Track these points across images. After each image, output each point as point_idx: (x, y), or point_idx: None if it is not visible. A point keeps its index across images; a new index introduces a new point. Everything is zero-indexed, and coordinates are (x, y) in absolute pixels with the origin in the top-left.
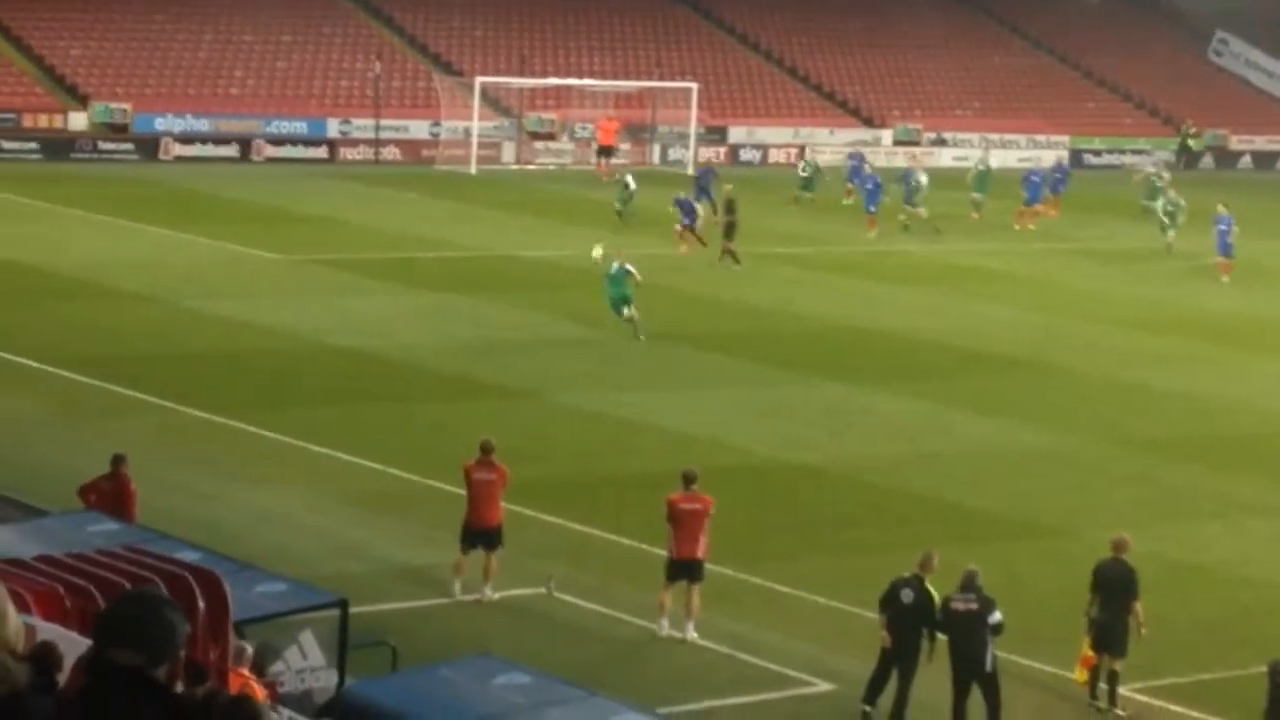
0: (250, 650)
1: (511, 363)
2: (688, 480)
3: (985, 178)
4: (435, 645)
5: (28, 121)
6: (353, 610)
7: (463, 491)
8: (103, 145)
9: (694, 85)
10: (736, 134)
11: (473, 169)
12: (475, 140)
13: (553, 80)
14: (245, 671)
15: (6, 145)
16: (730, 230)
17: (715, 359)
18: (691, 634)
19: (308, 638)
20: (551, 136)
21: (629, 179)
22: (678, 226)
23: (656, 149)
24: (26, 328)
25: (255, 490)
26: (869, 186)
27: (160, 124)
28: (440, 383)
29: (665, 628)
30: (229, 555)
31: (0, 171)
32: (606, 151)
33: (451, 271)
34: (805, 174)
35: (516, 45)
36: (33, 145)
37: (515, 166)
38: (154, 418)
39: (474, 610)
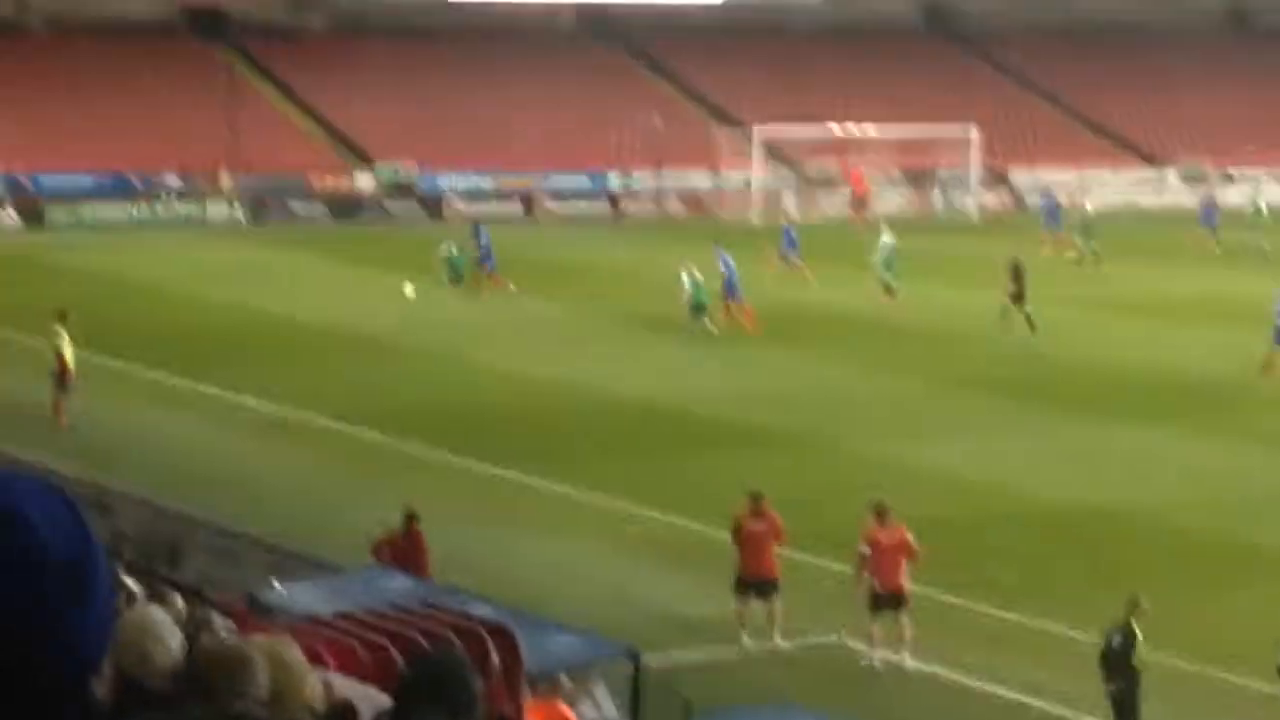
0: (570, 685)
1: (803, 412)
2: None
3: (1260, 214)
4: (728, 695)
5: (315, 182)
6: (645, 661)
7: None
8: (388, 204)
9: (974, 130)
10: (1018, 177)
11: (755, 219)
12: (757, 191)
13: (832, 128)
14: (561, 705)
15: (295, 206)
16: (1018, 298)
17: (1005, 404)
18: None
19: (601, 690)
20: (832, 184)
21: (886, 231)
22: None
23: (938, 194)
24: (316, 385)
25: (544, 542)
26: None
27: (444, 182)
28: (730, 433)
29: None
30: (520, 609)
31: (289, 232)
32: (860, 201)
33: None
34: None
35: (796, 95)
36: (320, 206)
37: (798, 216)
38: (442, 472)
39: (765, 660)
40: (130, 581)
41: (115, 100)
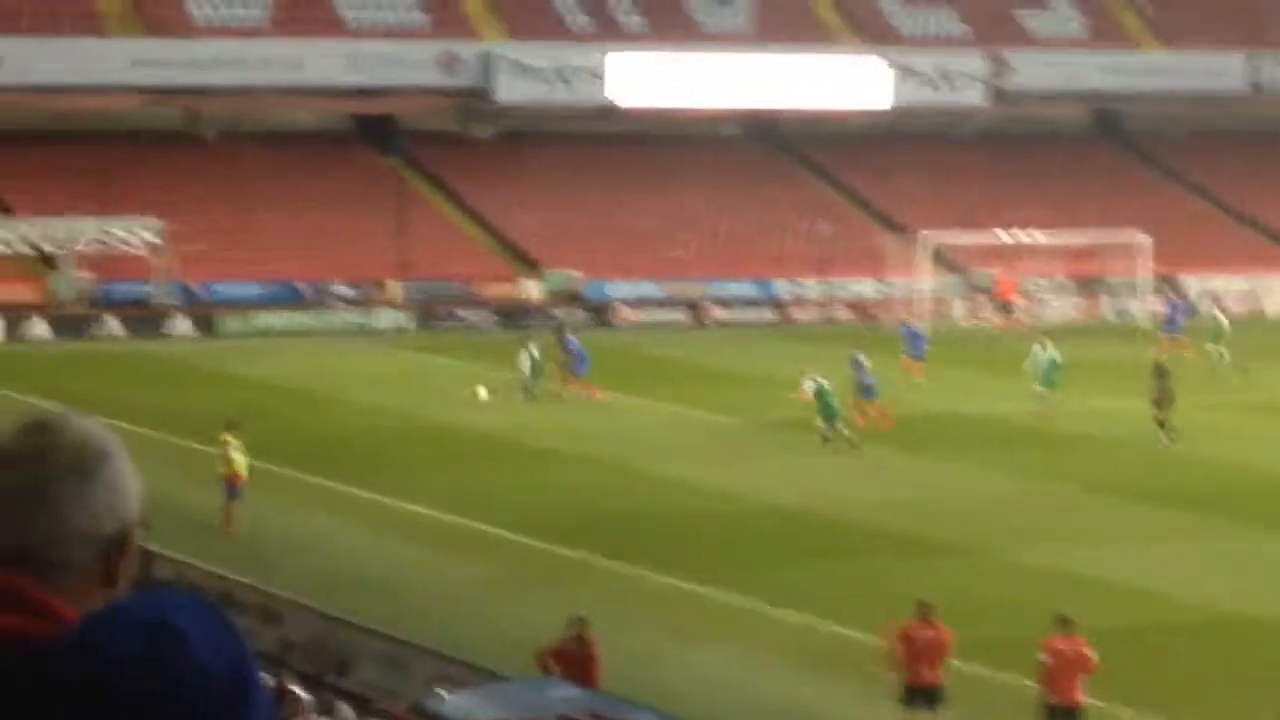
0: None
1: (961, 519)
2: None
3: None
4: None
5: (482, 290)
6: None
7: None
8: (556, 312)
9: (1144, 236)
10: (1190, 285)
11: (924, 327)
12: (924, 297)
13: (1000, 235)
14: None
15: (461, 314)
16: (1162, 402)
17: (1165, 513)
18: None
19: None
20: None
21: (1044, 341)
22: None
23: (1107, 300)
24: (483, 492)
25: (707, 651)
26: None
27: (611, 290)
28: (888, 540)
29: None
30: (682, 718)
31: (457, 339)
32: (1005, 307)
33: (899, 430)
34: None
35: (962, 201)
36: (488, 313)
37: (965, 323)
38: (604, 580)
39: None
40: (299, 690)
41: (285, 209)
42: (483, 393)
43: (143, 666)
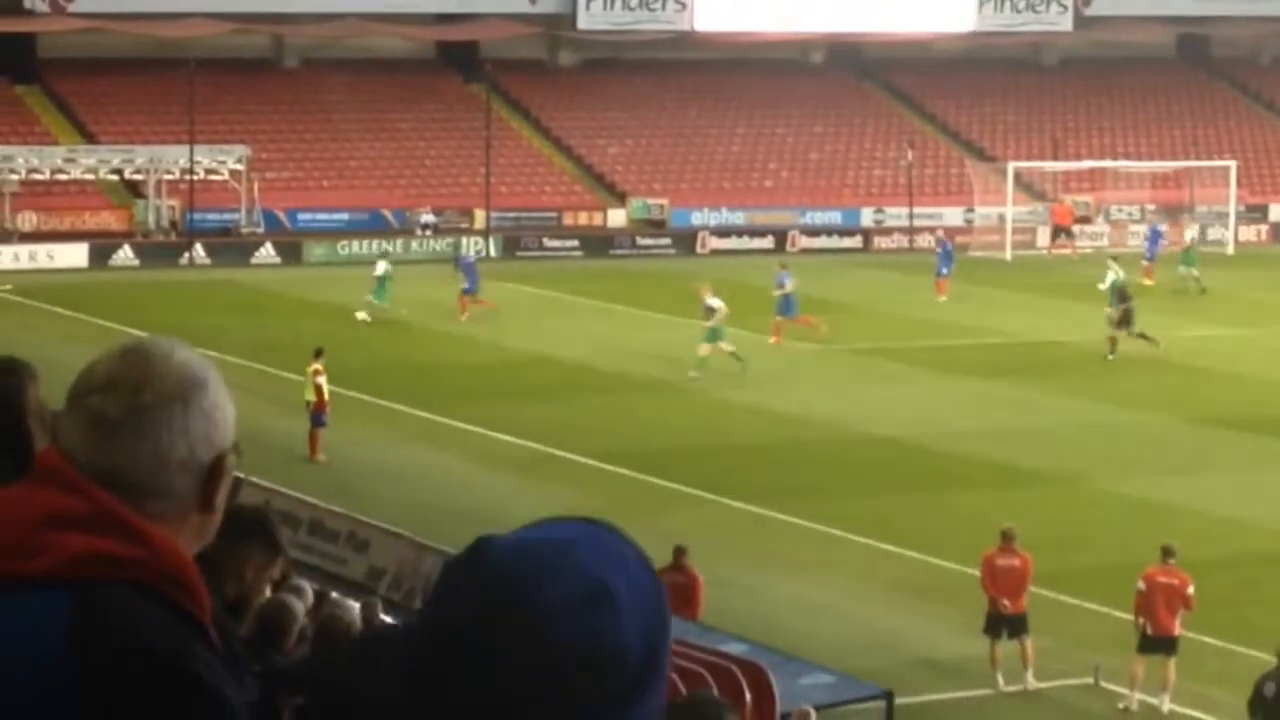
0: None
1: (1053, 449)
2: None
3: None
4: None
5: (568, 220)
6: (897, 702)
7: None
8: (641, 241)
9: (1232, 163)
10: (1277, 212)
11: (1008, 255)
12: (1010, 226)
13: (1086, 163)
14: None
15: (549, 243)
16: (1126, 318)
17: (1264, 441)
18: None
19: None
20: (1087, 220)
21: (1112, 264)
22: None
23: (1195, 229)
24: (572, 422)
25: (798, 581)
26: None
27: (696, 218)
28: (982, 470)
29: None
30: (773, 647)
31: (543, 269)
32: (1064, 232)
33: (990, 358)
34: None
35: (1049, 128)
36: (573, 243)
37: (1050, 251)
38: (697, 510)
39: (1018, 701)
40: (386, 618)
41: (370, 137)
42: (362, 315)
43: (573, 626)
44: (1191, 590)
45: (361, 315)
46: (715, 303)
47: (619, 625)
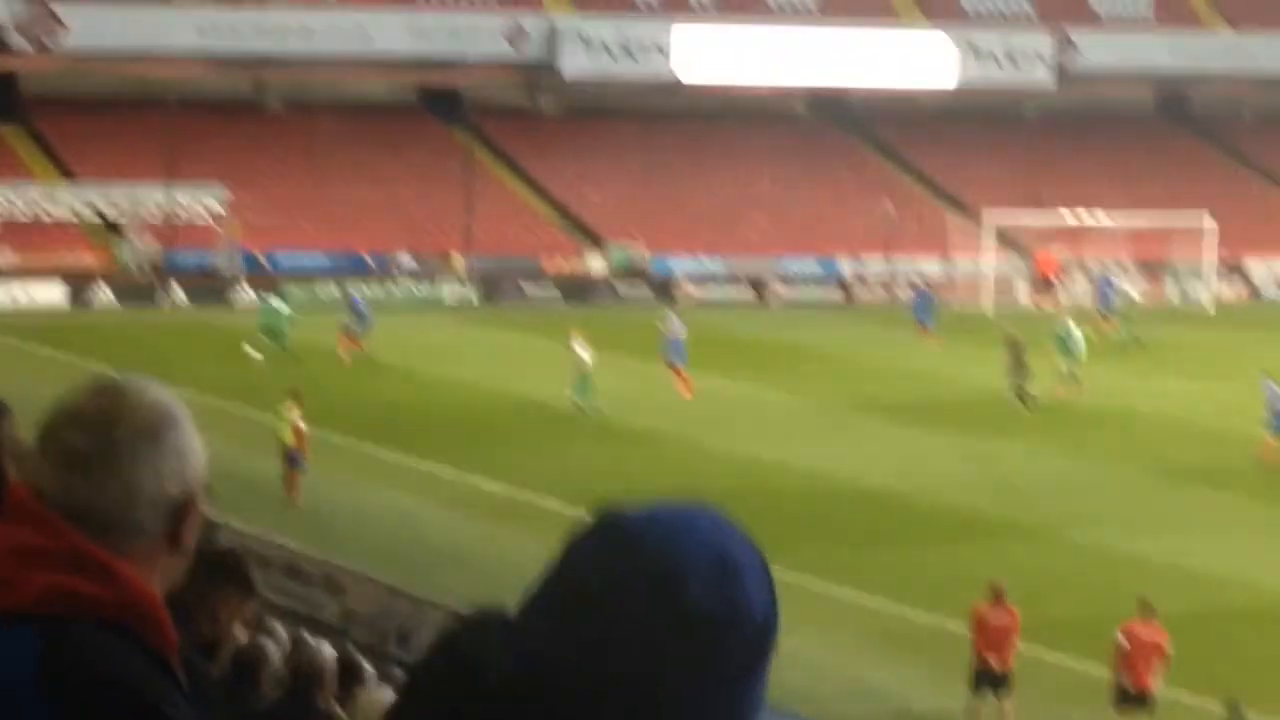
0: None
1: (1029, 502)
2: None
3: None
4: None
5: (547, 265)
6: None
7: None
8: (619, 287)
9: (1210, 219)
10: (1256, 270)
11: (987, 308)
12: (989, 278)
13: (1064, 216)
14: None
15: (526, 287)
16: (1019, 370)
17: (1232, 498)
18: None
19: None
20: (1064, 273)
21: (1069, 323)
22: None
23: (1172, 284)
24: (546, 467)
25: (782, 633)
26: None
27: (675, 266)
28: (959, 523)
29: None
30: None
31: (520, 313)
32: (1047, 284)
33: (970, 413)
34: None
35: (1028, 182)
36: (551, 287)
37: (1029, 304)
38: None
39: None
40: (361, 661)
41: (351, 179)
42: (252, 352)
43: (709, 592)
44: (1167, 643)
45: (250, 350)
46: (583, 352)
47: (747, 595)
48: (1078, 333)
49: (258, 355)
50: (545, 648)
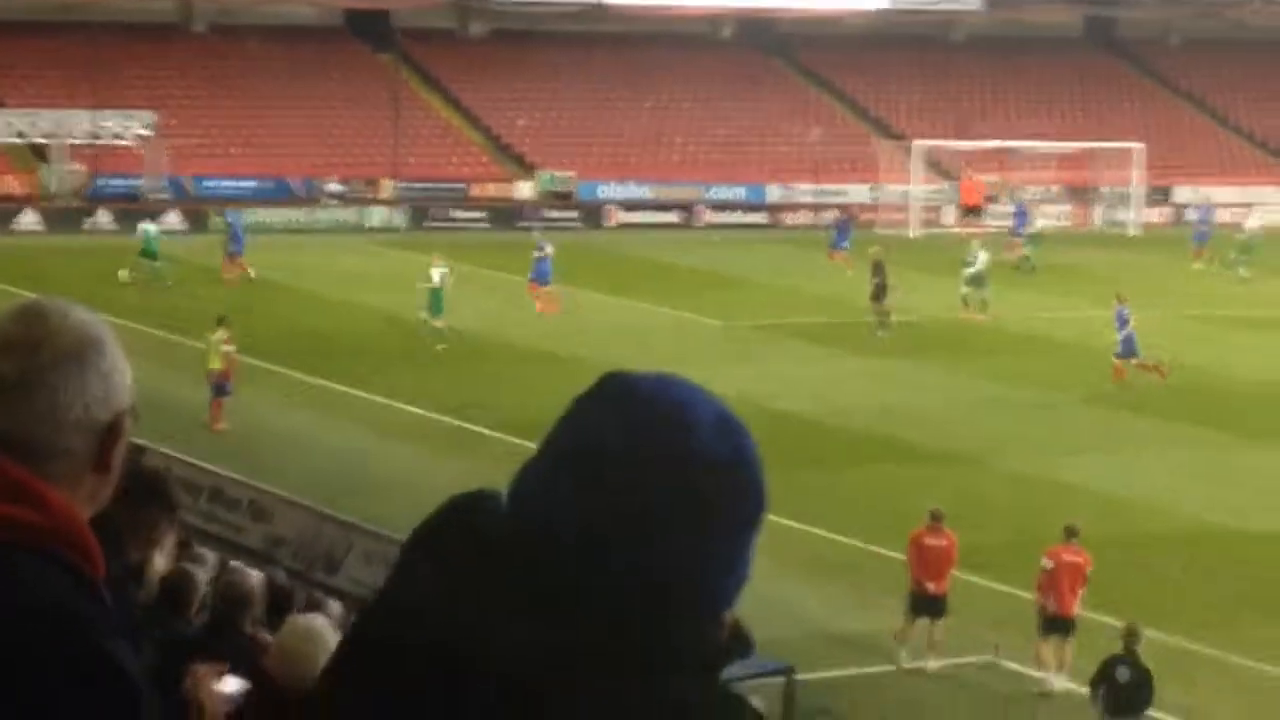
0: None
1: (952, 428)
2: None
3: None
4: (878, 714)
5: (476, 191)
6: (797, 677)
7: (903, 557)
8: (548, 213)
9: (1138, 145)
10: (1181, 194)
11: (912, 233)
12: (915, 204)
13: (992, 143)
14: None
15: (456, 215)
16: (879, 292)
17: (1153, 423)
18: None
19: (755, 703)
20: (993, 200)
21: (979, 250)
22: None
23: (1099, 211)
24: (474, 392)
25: None
26: None
27: (603, 191)
28: (881, 448)
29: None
30: None
31: (448, 240)
32: (973, 211)
33: (893, 336)
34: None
35: (955, 108)
36: (480, 214)
37: (956, 230)
38: None
39: (918, 680)
40: (287, 585)
41: (278, 104)
42: (123, 274)
43: (719, 440)
44: (1088, 566)
45: (124, 274)
46: (438, 272)
47: (748, 444)
48: (984, 256)
49: (128, 279)
50: (549, 501)
